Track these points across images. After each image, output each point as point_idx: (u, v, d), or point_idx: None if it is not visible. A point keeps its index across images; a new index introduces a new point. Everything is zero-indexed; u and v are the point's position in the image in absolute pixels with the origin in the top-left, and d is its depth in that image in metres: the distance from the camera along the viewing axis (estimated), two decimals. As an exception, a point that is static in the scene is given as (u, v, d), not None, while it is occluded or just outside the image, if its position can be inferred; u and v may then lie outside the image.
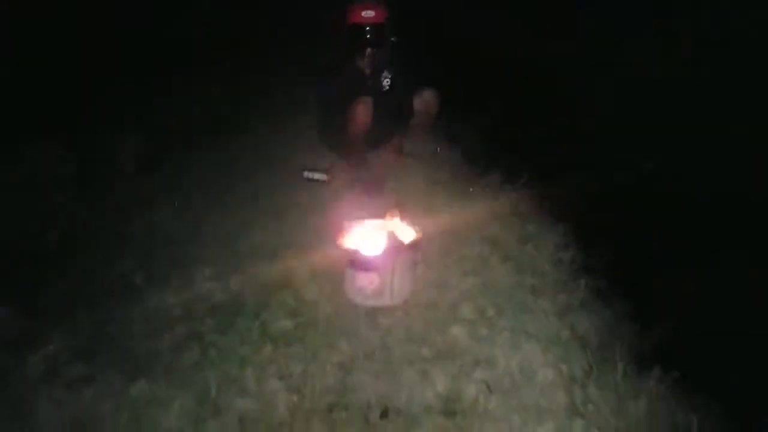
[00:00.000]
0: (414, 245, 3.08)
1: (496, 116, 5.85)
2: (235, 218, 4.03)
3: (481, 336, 2.83)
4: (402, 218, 3.12)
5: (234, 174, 4.67)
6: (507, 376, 2.58)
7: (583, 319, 2.99)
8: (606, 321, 3.11)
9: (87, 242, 3.87)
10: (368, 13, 3.80)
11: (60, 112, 4.85)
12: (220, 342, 3.02)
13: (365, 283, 3.05)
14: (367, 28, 3.82)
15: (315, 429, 2.43)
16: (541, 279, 3.28)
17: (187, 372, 2.89)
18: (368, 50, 3.93)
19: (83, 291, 3.34)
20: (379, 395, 2.54)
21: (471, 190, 4.36)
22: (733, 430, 2.49)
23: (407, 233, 3.07)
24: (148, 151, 4.93)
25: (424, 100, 4.30)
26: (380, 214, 3.16)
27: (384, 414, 2.44)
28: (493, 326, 2.89)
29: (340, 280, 3.19)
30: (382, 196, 3.98)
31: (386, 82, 4.14)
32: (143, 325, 3.12)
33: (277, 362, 2.84)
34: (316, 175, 4.31)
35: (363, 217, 3.14)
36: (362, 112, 3.84)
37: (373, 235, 3.05)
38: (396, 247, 3.01)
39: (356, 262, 3.03)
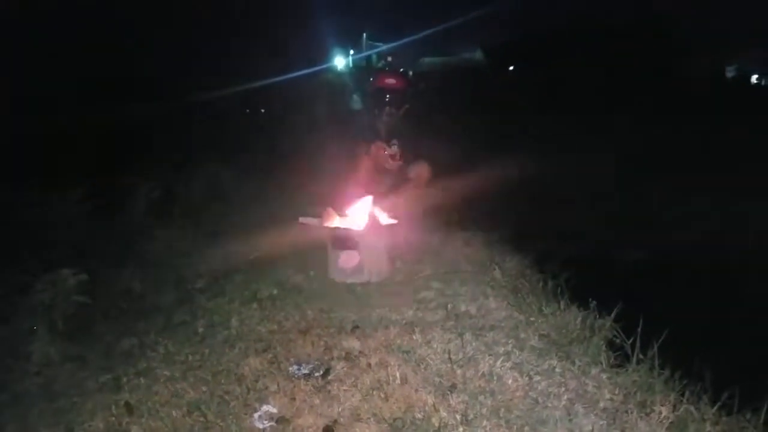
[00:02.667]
0: (392, 228, 3.56)
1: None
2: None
3: (447, 295, 3.18)
4: (382, 207, 3.64)
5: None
6: (466, 313, 2.89)
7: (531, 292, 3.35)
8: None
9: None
10: (390, 81, 4.77)
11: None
12: (210, 303, 3.36)
13: (347, 261, 3.47)
14: (388, 94, 4.77)
15: (293, 339, 2.69)
16: (500, 272, 3.67)
17: (176, 326, 3.20)
18: (387, 110, 4.79)
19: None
20: (353, 320, 2.84)
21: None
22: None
23: (386, 218, 3.56)
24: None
25: (418, 172, 5.04)
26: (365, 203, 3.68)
27: (355, 327, 2.73)
28: (457, 293, 3.25)
29: (324, 266, 3.61)
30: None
31: (394, 149, 4.91)
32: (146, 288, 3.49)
33: (262, 312, 3.15)
34: (310, 220, 4.88)
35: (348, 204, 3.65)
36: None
37: (354, 217, 3.54)
38: (375, 227, 3.48)
39: (338, 241, 3.48)
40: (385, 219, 3.52)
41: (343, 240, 3.43)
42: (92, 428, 2.27)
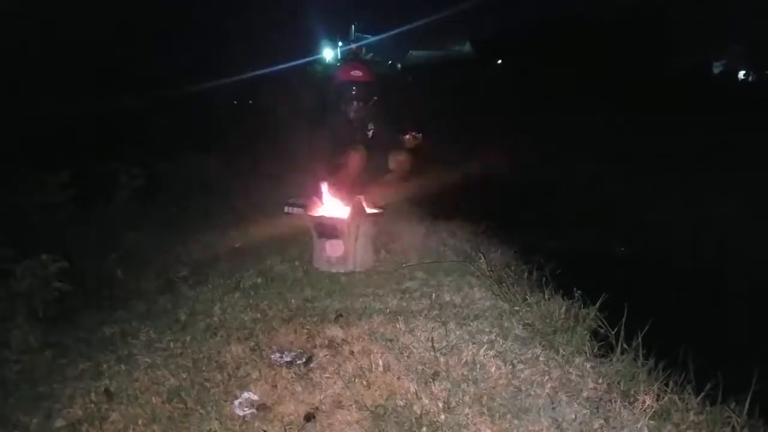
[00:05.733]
0: (376, 217, 3.54)
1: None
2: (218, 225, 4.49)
3: (431, 285, 3.17)
4: (366, 199, 3.61)
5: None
6: (450, 303, 2.89)
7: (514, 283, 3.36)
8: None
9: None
10: (356, 73, 4.64)
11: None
12: (193, 292, 3.32)
13: (331, 250, 3.45)
14: (354, 86, 4.63)
15: (276, 328, 2.67)
16: (485, 262, 3.67)
17: (158, 313, 3.16)
18: (354, 104, 4.68)
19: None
20: (336, 309, 2.83)
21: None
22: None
23: (371, 207, 3.54)
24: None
25: (398, 160, 5.00)
26: (348, 195, 3.66)
27: (338, 316, 2.71)
28: (441, 283, 3.24)
29: (309, 256, 3.59)
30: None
31: (370, 133, 4.86)
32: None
33: (245, 301, 3.12)
34: (295, 209, 4.84)
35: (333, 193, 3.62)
36: (355, 158, 4.49)
37: (339, 206, 3.51)
38: (360, 216, 3.46)
39: (323, 230, 3.45)
40: (369, 208, 3.49)
41: (327, 229, 3.40)
42: (71, 414, 2.23)
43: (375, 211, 3.54)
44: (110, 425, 2.12)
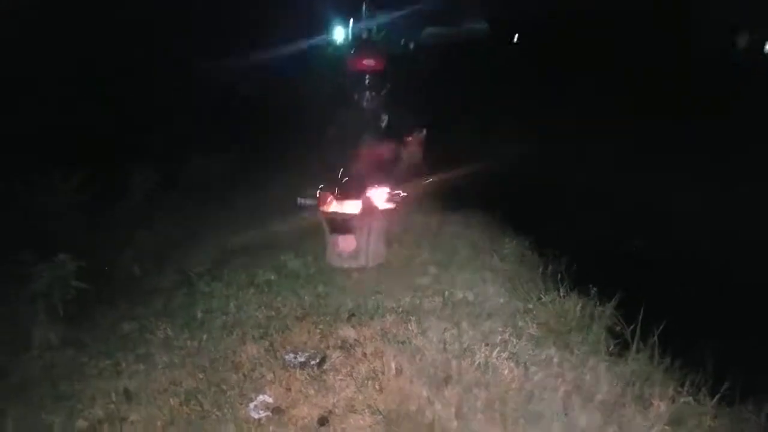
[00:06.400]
0: (388, 213, 3.52)
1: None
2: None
3: (443, 281, 3.16)
4: (379, 194, 3.60)
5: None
6: (463, 300, 2.88)
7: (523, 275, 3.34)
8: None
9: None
10: (369, 62, 4.58)
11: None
12: (209, 288, 3.36)
13: (344, 246, 3.45)
14: (366, 76, 4.58)
15: (290, 327, 2.69)
16: (499, 257, 3.65)
17: (175, 310, 3.21)
18: (366, 93, 4.62)
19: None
20: (349, 307, 2.84)
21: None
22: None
23: (383, 202, 3.53)
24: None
25: (410, 150, 4.95)
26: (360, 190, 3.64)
27: (351, 315, 2.73)
28: (454, 279, 3.23)
29: (322, 252, 3.60)
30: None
31: (383, 123, 4.82)
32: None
33: (259, 298, 3.15)
34: (308, 201, 4.84)
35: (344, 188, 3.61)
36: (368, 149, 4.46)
37: (351, 201, 3.50)
38: (371, 211, 3.45)
39: (335, 225, 3.45)
40: (381, 203, 3.48)
41: (339, 224, 3.41)
42: (92, 415, 2.29)
43: (387, 206, 3.52)
44: (130, 426, 2.17)
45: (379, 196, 3.59)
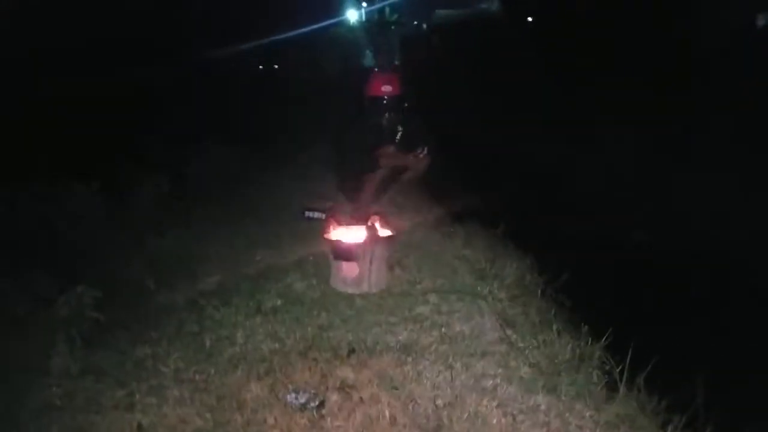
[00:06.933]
0: (389, 240, 3.63)
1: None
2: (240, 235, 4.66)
3: (443, 312, 3.28)
4: (381, 221, 3.70)
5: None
6: (460, 334, 3.00)
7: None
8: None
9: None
10: (387, 88, 4.70)
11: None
12: (218, 314, 3.50)
13: (347, 272, 3.57)
14: (386, 99, 4.71)
15: (293, 363, 2.83)
16: (499, 282, 3.75)
17: (186, 336, 3.36)
18: (386, 114, 4.75)
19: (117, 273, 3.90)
20: (349, 342, 2.97)
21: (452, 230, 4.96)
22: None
23: (384, 231, 3.64)
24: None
25: (416, 159, 5.05)
26: (363, 218, 3.75)
27: (351, 351, 2.86)
28: (452, 309, 3.34)
29: (326, 272, 3.72)
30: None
31: (398, 135, 4.93)
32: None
33: (265, 327, 3.29)
34: (315, 214, 4.96)
35: (348, 219, 3.73)
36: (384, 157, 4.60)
37: (354, 230, 3.62)
38: (374, 239, 3.56)
39: (339, 252, 3.57)
40: (383, 231, 3.59)
41: (343, 252, 3.52)
42: (109, 449, 2.46)
43: (389, 233, 3.62)
44: (143, 464, 2.33)
45: (382, 223, 3.70)
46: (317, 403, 2.49)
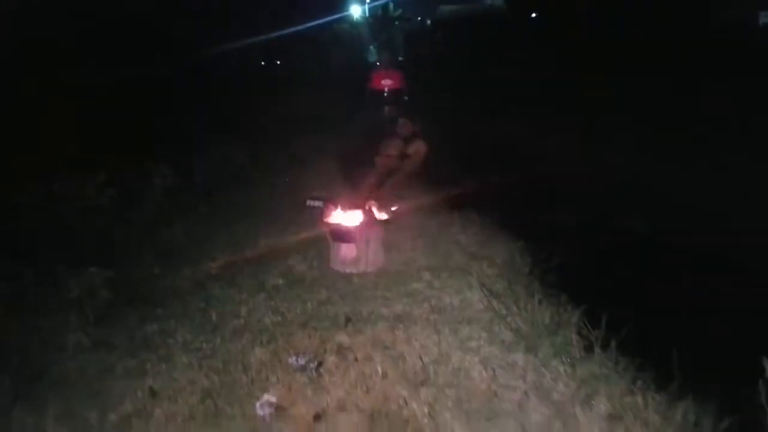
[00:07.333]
0: (386, 224, 3.85)
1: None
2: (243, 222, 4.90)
3: (435, 287, 3.49)
4: (378, 206, 3.92)
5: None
6: (449, 306, 3.21)
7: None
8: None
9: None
10: (387, 82, 4.96)
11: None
12: (223, 293, 3.73)
13: (346, 253, 3.79)
14: (386, 92, 4.97)
15: (293, 332, 3.05)
16: (489, 262, 3.95)
17: (193, 313, 3.58)
18: (386, 108, 5.01)
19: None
20: (347, 313, 3.18)
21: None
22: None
23: (381, 215, 3.86)
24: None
25: (416, 149, 5.28)
26: (361, 202, 3.98)
27: (348, 321, 3.07)
28: (444, 285, 3.55)
29: (326, 253, 3.95)
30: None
31: (399, 128, 5.17)
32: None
33: (268, 303, 3.51)
34: (317, 203, 5.19)
35: (346, 203, 3.95)
36: (387, 149, 4.85)
37: (352, 214, 3.84)
38: (371, 222, 3.78)
39: (338, 234, 3.79)
40: (380, 214, 3.81)
41: (341, 235, 3.74)
42: (123, 410, 2.67)
43: (385, 217, 3.84)
44: (155, 421, 2.55)
45: (379, 207, 3.92)
46: (316, 364, 2.71)
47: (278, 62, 14.10)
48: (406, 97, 4.86)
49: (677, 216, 5.51)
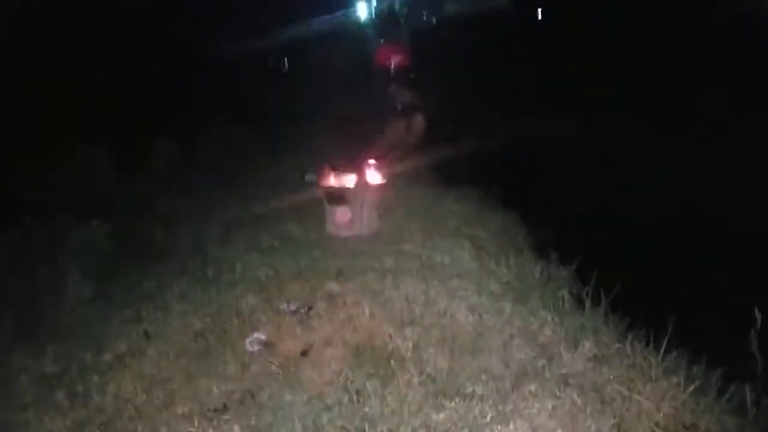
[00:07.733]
0: (380, 187, 3.90)
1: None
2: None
3: (427, 247, 3.53)
4: (373, 169, 3.97)
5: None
6: (439, 264, 3.25)
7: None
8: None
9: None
10: (392, 58, 5.01)
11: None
12: (220, 252, 3.79)
13: (340, 216, 3.85)
14: (391, 69, 5.03)
15: (286, 286, 3.10)
16: (482, 226, 4.00)
17: (190, 269, 3.65)
18: (392, 86, 5.07)
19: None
20: (338, 267, 3.23)
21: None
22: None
23: (375, 177, 3.91)
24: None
25: (416, 123, 5.35)
26: (356, 166, 4.02)
27: (339, 273, 3.13)
28: (436, 246, 3.59)
29: (321, 217, 4.00)
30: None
31: (401, 104, 5.23)
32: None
33: (263, 260, 3.57)
34: (314, 177, 5.24)
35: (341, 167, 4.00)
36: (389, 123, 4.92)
37: (346, 177, 3.89)
38: (365, 185, 3.82)
39: (332, 197, 3.84)
40: (375, 178, 3.86)
41: (336, 197, 3.79)
42: (117, 350, 2.74)
43: (379, 181, 3.89)
44: (147, 358, 2.61)
45: (373, 171, 3.97)
46: (306, 308, 2.76)
47: (285, 59, 14.21)
48: (412, 75, 4.91)
49: (674, 204, 5.54)
